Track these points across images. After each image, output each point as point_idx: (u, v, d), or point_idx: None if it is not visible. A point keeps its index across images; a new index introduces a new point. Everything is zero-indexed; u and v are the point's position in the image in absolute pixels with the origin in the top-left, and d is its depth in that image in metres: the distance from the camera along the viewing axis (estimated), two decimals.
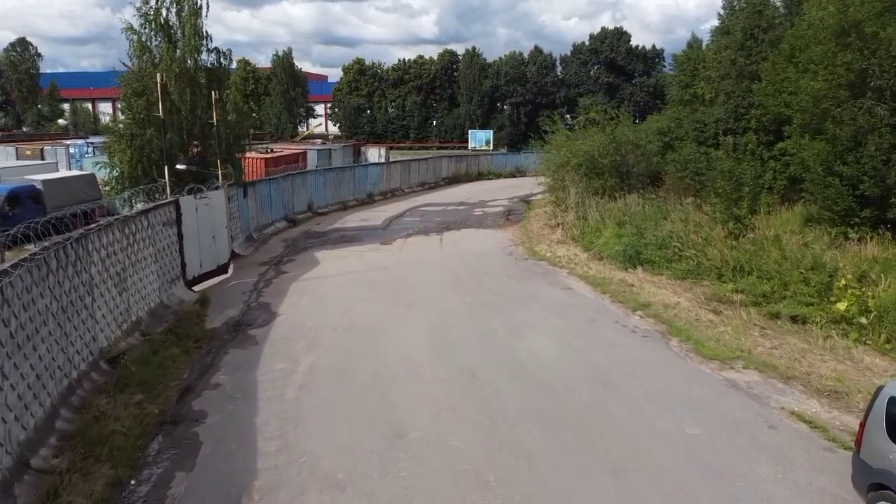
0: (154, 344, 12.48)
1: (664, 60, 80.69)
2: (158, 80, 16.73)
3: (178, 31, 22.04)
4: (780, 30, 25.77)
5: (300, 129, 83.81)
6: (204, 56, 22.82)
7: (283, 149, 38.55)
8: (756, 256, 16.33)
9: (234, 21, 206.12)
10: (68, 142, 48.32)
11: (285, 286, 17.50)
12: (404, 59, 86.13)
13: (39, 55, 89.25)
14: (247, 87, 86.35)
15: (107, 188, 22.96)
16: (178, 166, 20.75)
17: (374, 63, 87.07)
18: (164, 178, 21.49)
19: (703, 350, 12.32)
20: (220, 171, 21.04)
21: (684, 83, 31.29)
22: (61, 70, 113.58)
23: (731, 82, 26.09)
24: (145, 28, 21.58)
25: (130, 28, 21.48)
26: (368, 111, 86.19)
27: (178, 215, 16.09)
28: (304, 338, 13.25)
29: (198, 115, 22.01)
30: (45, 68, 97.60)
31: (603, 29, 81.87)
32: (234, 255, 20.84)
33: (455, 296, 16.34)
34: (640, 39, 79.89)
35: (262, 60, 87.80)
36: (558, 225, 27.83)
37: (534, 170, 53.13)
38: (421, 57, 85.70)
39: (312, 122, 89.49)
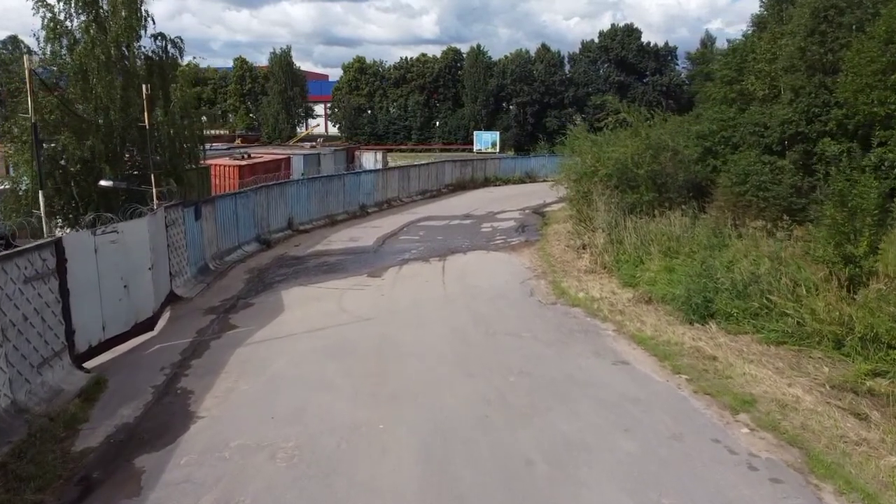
0: None
1: (677, 58, 75.25)
2: (26, 64, 11.33)
3: (109, 11, 16.71)
4: (864, 9, 20.23)
5: (298, 130, 78.34)
6: (147, 43, 17.52)
7: (264, 154, 33.16)
8: None
9: (234, 21, 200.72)
10: None
11: (224, 356, 12.10)
12: (406, 58, 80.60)
13: (31, 53, 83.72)
14: (244, 87, 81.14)
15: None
16: (103, 183, 15.44)
17: (374, 61, 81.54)
18: (90, 199, 16.38)
19: None
20: (154, 189, 15.64)
21: (729, 79, 25.78)
22: None
23: (801, 76, 20.57)
24: (63, 3, 16.28)
25: (42, 2, 16.18)
26: (369, 111, 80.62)
27: (62, 262, 10.72)
28: (218, 478, 7.85)
29: (133, 115, 16.66)
30: None
31: (613, 26, 76.16)
32: (172, 300, 15.49)
33: (462, 379, 10.92)
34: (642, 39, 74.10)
35: (264, 61, 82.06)
36: (584, 247, 22.39)
37: (544, 175, 47.77)
38: (424, 55, 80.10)
39: (311, 122, 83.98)
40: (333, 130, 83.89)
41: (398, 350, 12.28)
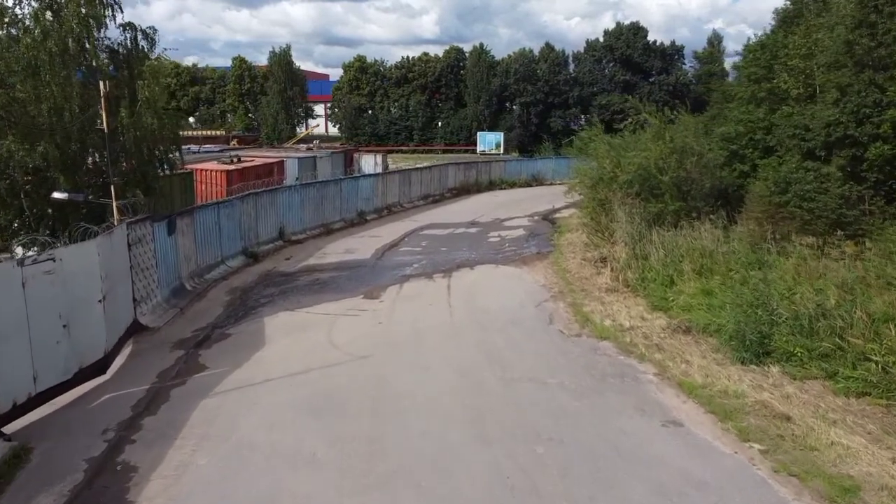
0: None
1: (684, 58, 72.76)
2: None
3: None
4: None
5: (298, 130, 75.90)
6: (114, 34, 15.20)
7: (255, 158, 30.80)
8: None
9: (234, 21, 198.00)
10: None
11: (185, 411, 9.76)
12: (408, 57, 77.89)
13: None
14: (243, 87, 78.73)
15: None
16: (56, 195, 13.13)
17: (375, 61, 78.97)
18: (44, 214, 14.09)
19: None
20: (114, 203, 13.32)
21: (757, 76, 23.39)
22: None
23: (847, 72, 18.19)
24: None
25: None
26: (370, 111, 78.13)
27: None
28: None
29: (94, 116, 14.35)
30: None
31: (618, 24, 73.59)
32: (136, 330, 13.16)
33: (476, 449, 8.56)
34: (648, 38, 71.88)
35: (264, 61, 79.31)
36: (603, 261, 20.07)
37: (551, 178, 45.34)
38: (426, 54, 77.53)
39: (311, 122, 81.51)
40: (334, 131, 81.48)
41: (397, 404, 9.93)
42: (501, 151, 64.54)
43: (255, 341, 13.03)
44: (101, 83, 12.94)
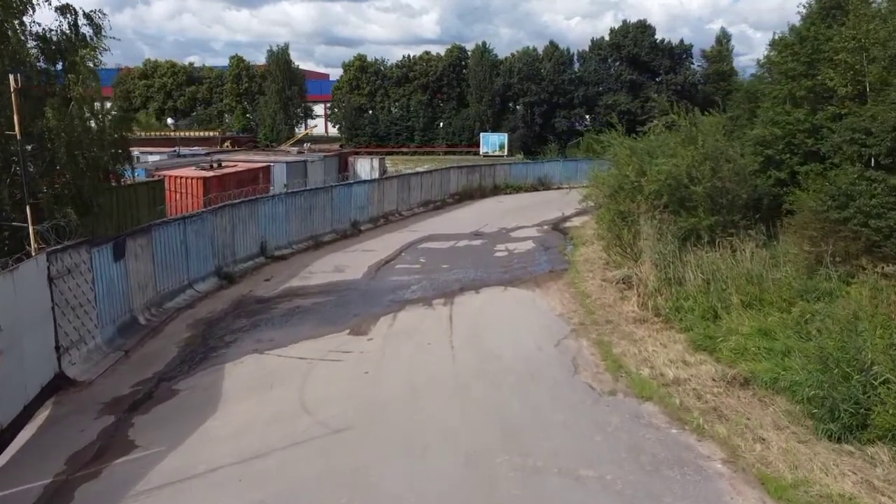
0: None
1: (692, 57, 69.63)
2: None
3: None
4: None
5: (297, 130, 72.95)
6: (52, 19, 12.33)
7: (238, 163, 27.91)
8: None
9: (234, 21, 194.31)
10: None
11: None
12: (409, 56, 74.77)
13: None
14: (240, 86, 75.76)
15: None
16: None
17: (376, 60, 75.95)
18: None
19: None
20: (31, 228, 10.47)
21: (795, 73, 20.46)
22: None
23: None
24: None
25: None
26: (370, 111, 75.12)
27: None
28: None
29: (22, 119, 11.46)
30: None
31: (624, 22, 70.33)
32: (62, 386, 10.34)
33: None
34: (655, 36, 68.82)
35: (263, 61, 76.20)
36: (626, 283, 17.22)
37: (558, 181, 42.45)
38: (427, 53, 74.48)
39: (311, 122, 78.58)
40: (333, 131, 78.55)
41: None
42: (505, 153, 61.63)
43: (207, 401, 10.18)
44: (12, 77, 10.09)
